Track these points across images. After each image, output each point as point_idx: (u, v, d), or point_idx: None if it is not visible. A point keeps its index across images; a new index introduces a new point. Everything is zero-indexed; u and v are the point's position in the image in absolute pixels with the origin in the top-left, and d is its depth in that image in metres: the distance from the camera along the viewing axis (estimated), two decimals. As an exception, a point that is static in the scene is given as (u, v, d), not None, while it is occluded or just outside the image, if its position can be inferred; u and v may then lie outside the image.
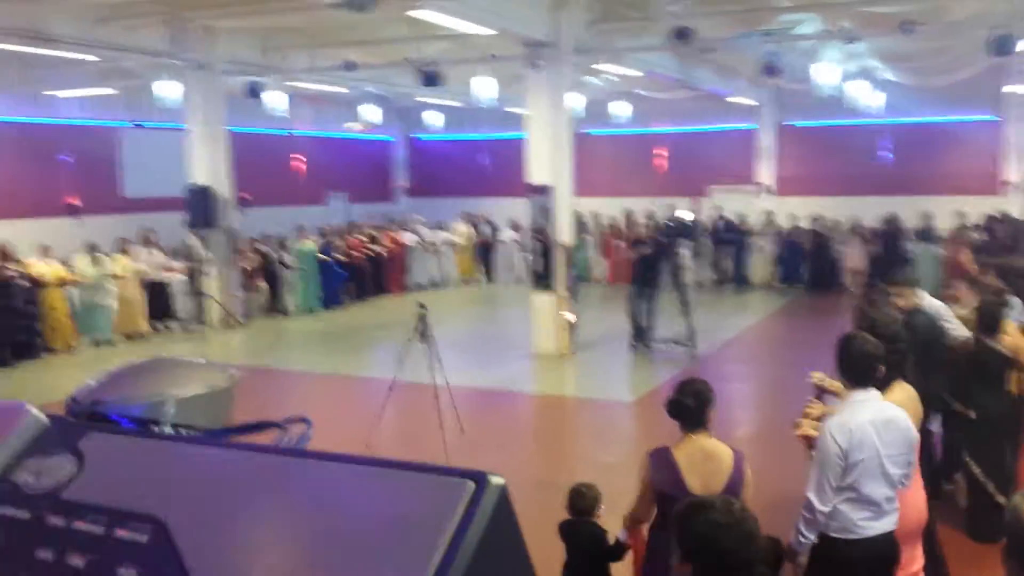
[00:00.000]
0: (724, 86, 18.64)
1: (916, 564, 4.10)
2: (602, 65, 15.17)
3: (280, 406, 10.13)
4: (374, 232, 19.33)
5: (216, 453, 1.75)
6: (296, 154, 22.68)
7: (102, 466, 1.75)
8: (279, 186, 21.44)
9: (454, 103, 20.64)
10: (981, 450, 5.88)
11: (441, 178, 25.23)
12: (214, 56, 14.39)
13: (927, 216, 18.14)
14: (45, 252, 13.49)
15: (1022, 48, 11.69)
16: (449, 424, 8.12)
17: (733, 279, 19.78)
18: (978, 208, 18.06)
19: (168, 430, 2.37)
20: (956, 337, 6.25)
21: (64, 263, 13.69)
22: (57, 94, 16.47)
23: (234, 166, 15.25)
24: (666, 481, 3.76)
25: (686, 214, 18.82)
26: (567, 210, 12.81)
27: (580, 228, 18.48)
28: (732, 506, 2.45)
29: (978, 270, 8.81)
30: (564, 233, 12.70)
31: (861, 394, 3.84)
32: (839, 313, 11.73)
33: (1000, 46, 11.34)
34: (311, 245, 17.10)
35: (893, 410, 3.89)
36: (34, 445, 1.77)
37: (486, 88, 14.10)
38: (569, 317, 12.56)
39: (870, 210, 19.24)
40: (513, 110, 18.44)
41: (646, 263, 12.56)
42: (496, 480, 1.49)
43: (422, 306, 8.33)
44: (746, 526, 2.41)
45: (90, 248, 13.91)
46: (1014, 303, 7.09)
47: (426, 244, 20.14)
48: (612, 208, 21.06)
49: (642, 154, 22.74)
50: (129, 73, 15.10)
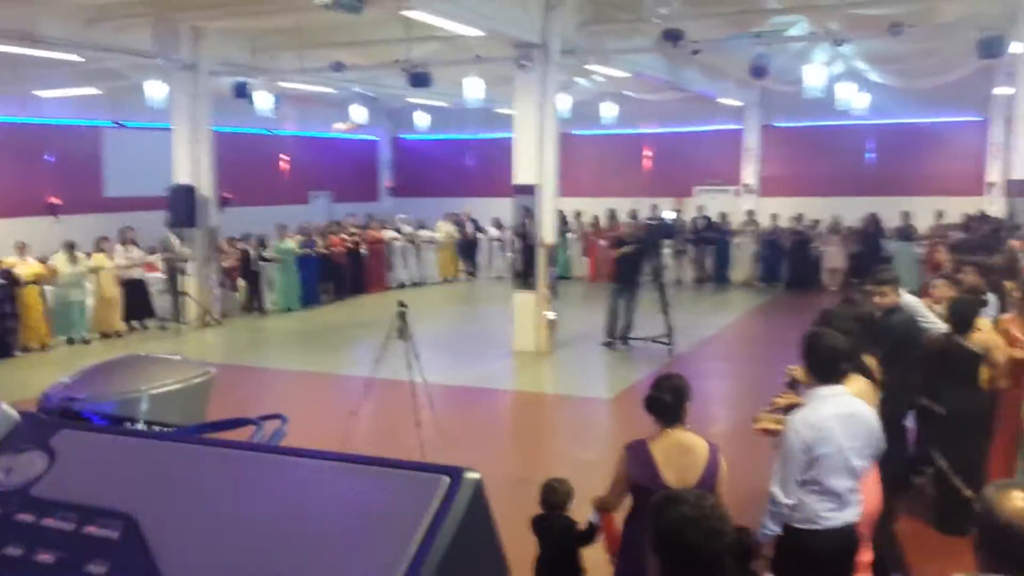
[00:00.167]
0: (712, 87, 18.72)
1: (868, 555, 4.14)
2: (591, 66, 15.19)
3: (257, 404, 10.14)
4: (356, 229, 19.27)
5: (188, 449, 1.73)
6: (281, 154, 22.65)
7: (73, 463, 1.73)
8: (263, 185, 21.41)
9: (441, 103, 20.62)
10: (950, 445, 5.93)
11: (426, 178, 25.24)
12: (201, 57, 14.36)
13: (906, 215, 18.30)
14: (22, 250, 13.35)
15: (1013, 50, 11.75)
16: (426, 421, 8.10)
17: (714, 278, 19.88)
18: (961, 208, 18.22)
19: (141, 427, 2.34)
20: (933, 334, 6.29)
21: (42, 261, 13.56)
22: (42, 94, 16.35)
23: (218, 166, 15.19)
24: (642, 474, 3.80)
25: (668, 213, 18.94)
26: (551, 209, 12.84)
27: (562, 227, 18.52)
28: (704, 500, 2.46)
29: (955, 267, 8.88)
30: (547, 232, 12.72)
31: (826, 389, 3.91)
32: (817, 311, 11.76)
33: (990, 48, 11.41)
34: (292, 243, 17.02)
35: (856, 403, 3.96)
36: (4, 442, 1.75)
37: (474, 89, 14.11)
38: (549, 315, 12.58)
39: (853, 210, 19.39)
40: (500, 111, 18.46)
41: (627, 261, 12.60)
42: (471, 475, 1.48)
43: (401, 304, 8.30)
44: (716, 521, 2.42)
45: (68, 246, 13.78)
46: (990, 300, 7.17)
47: (407, 241, 20.09)
48: (596, 208, 21.10)
49: (628, 154, 22.83)
50: (115, 73, 15.04)
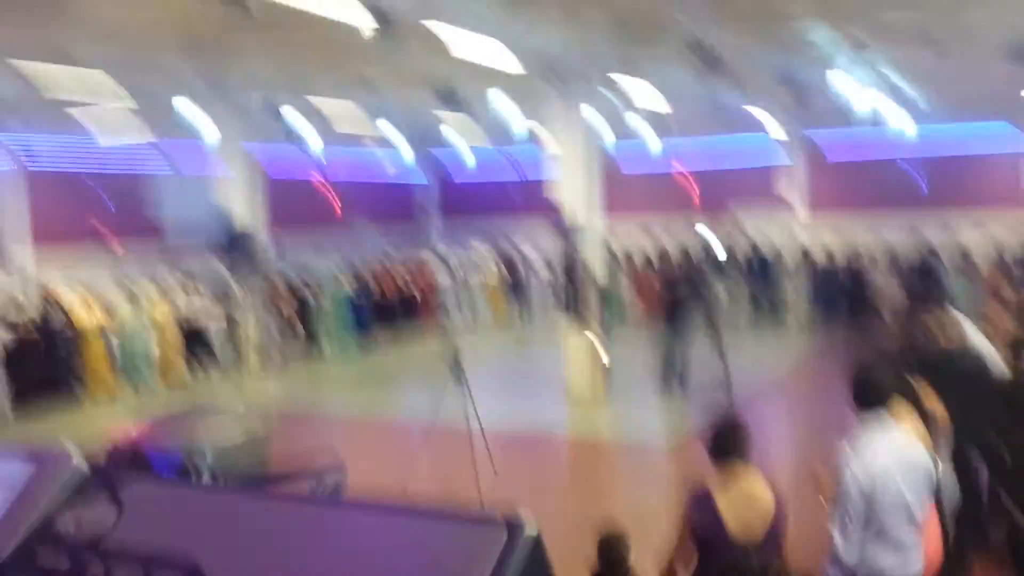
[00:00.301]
0: (746, 102, 18.42)
1: None
2: (622, 83, 15.08)
3: (317, 451, 10.21)
4: (407, 273, 19.49)
5: (252, 502, 1.78)
6: (330, 194, 22.77)
7: (141, 514, 1.78)
8: (307, 215, 21.45)
9: (486, 144, 20.75)
10: (1019, 490, 5.69)
11: (474, 221, 25.34)
12: (236, 80, 14.44)
13: (964, 250, 17.86)
14: (83, 293, 13.66)
15: None
16: (484, 467, 8.08)
17: (769, 316, 19.56)
18: (1002, 222, 17.78)
19: (207, 478, 2.40)
20: (1002, 377, 6.09)
21: (105, 308, 13.89)
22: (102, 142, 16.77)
23: (270, 208, 15.43)
24: (706, 525, 3.68)
25: (715, 242, 18.56)
26: (599, 250, 12.80)
27: (613, 267, 18.44)
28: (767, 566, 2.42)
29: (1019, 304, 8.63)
30: (597, 274, 12.69)
31: (876, 423, 3.81)
32: (871, 349, 11.52)
33: (1022, 54, 11.18)
34: (346, 289, 17.31)
35: (912, 448, 3.86)
36: (75, 494, 1.81)
37: (503, 107, 14.17)
38: (604, 359, 12.48)
39: (897, 227, 19.01)
40: (531, 128, 18.36)
41: (677, 303, 12.43)
42: (530, 530, 1.48)
43: (455, 347, 8.35)
44: None
45: (130, 295, 14.14)
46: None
47: (458, 284, 20.22)
48: (639, 232, 20.78)
49: (669, 184, 22.61)
50: (169, 118, 15.37)
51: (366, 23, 8.36)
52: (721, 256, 18.95)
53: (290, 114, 15.50)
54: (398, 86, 14.49)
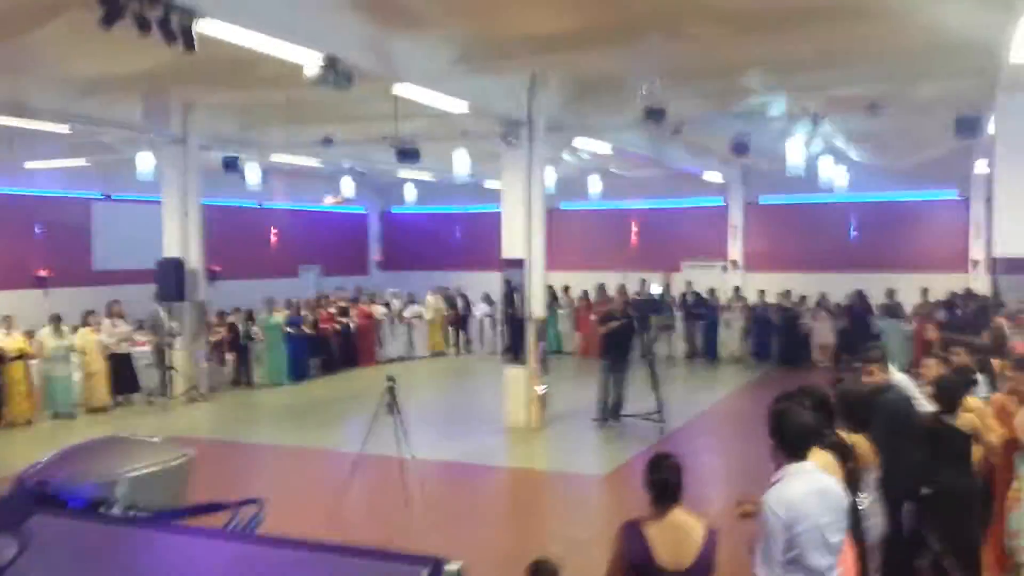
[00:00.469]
0: (695, 164, 19.05)
1: None
2: (576, 142, 15.48)
3: (243, 480, 9.98)
4: (344, 304, 19.26)
5: (162, 537, 1.70)
6: (271, 227, 22.79)
7: (45, 549, 1.69)
8: (251, 258, 21.48)
9: (429, 178, 20.88)
10: (944, 527, 5.83)
11: (415, 251, 25.40)
12: (191, 130, 14.56)
13: (891, 292, 18.44)
14: (8, 324, 13.27)
15: (990, 130, 11.98)
16: (415, 498, 7.97)
17: (703, 353, 19.87)
18: (945, 285, 18.36)
19: (119, 510, 2.28)
20: (925, 414, 6.25)
21: (28, 335, 13.48)
22: (32, 165, 16.47)
23: (207, 239, 15.24)
24: (637, 554, 3.79)
25: (656, 288, 19.08)
26: (540, 284, 12.88)
27: (551, 301, 18.58)
28: None
29: (944, 346, 8.90)
30: (536, 306, 12.73)
31: (796, 466, 3.94)
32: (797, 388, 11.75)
33: (967, 127, 11.63)
34: (279, 318, 17.00)
35: (826, 479, 4.02)
36: (-26, 528, 1.71)
37: (462, 163, 14.30)
38: (539, 390, 12.51)
39: (838, 286, 19.52)
40: (489, 186, 18.69)
41: (615, 337, 12.59)
42: (451, 567, 1.44)
43: (390, 379, 8.26)
44: None
45: (54, 320, 13.72)
46: (982, 380, 7.17)
47: (396, 316, 20.08)
48: (586, 282, 21.22)
49: (615, 229, 23.08)
50: (105, 146, 15.18)
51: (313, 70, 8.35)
52: (658, 292, 19.26)
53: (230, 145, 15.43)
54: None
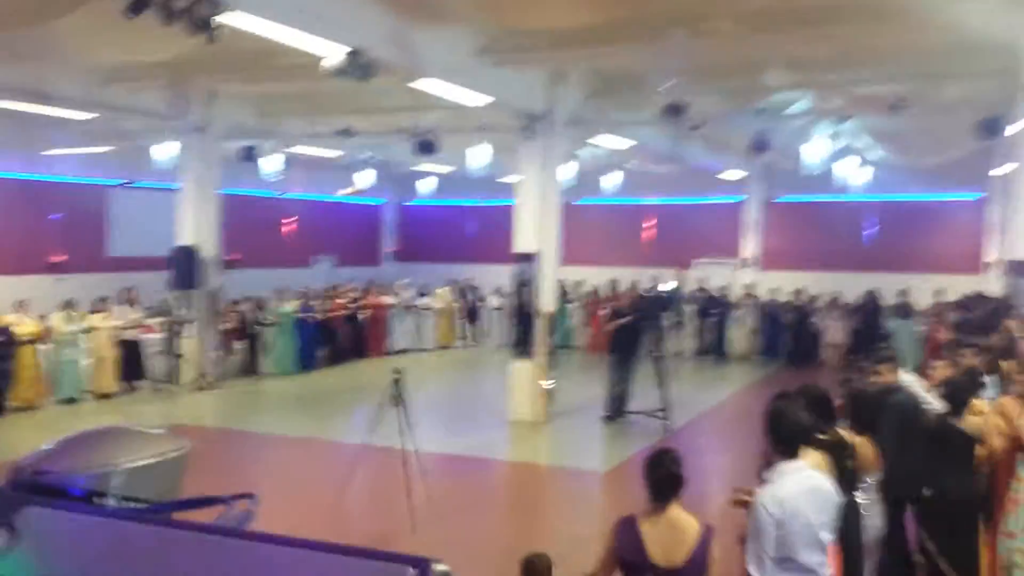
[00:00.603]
0: (714, 161, 18.95)
1: None
2: (595, 138, 15.44)
3: (247, 469, 10.05)
4: (356, 295, 19.30)
5: (154, 530, 1.71)
6: (286, 217, 22.86)
7: (36, 540, 1.70)
8: (267, 248, 21.55)
9: (448, 168, 20.85)
10: (942, 529, 5.79)
11: (430, 243, 25.42)
12: (212, 119, 14.56)
13: (904, 292, 18.31)
14: (21, 308, 13.37)
15: (1010, 131, 11.89)
16: (418, 491, 8.00)
17: (713, 351, 19.80)
18: (959, 287, 18.20)
19: (114, 501, 2.31)
20: (930, 415, 6.22)
21: (41, 319, 13.57)
22: (52, 152, 16.58)
23: (223, 227, 15.30)
24: (629, 550, 3.80)
25: (667, 285, 18.99)
26: (551, 278, 12.87)
27: (562, 296, 18.56)
28: None
29: (954, 348, 8.82)
30: (546, 301, 12.73)
31: (789, 464, 3.98)
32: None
33: (989, 128, 11.55)
34: (290, 307, 17.06)
35: (817, 477, 4.06)
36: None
37: (480, 157, 14.27)
38: (546, 384, 12.51)
39: (852, 286, 19.40)
40: (504, 180, 18.65)
41: (624, 333, 12.56)
42: (438, 568, 1.45)
43: (396, 371, 8.28)
44: None
45: (66, 305, 13.81)
46: (990, 382, 7.11)
47: (407, 307, 20.10)
48: (598, 277, 21.18)
49: (630, 225, 23.00)
50: (124, 133, 15.26)
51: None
52: (670, 288, 19.20)
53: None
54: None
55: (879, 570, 5.35)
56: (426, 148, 13.71)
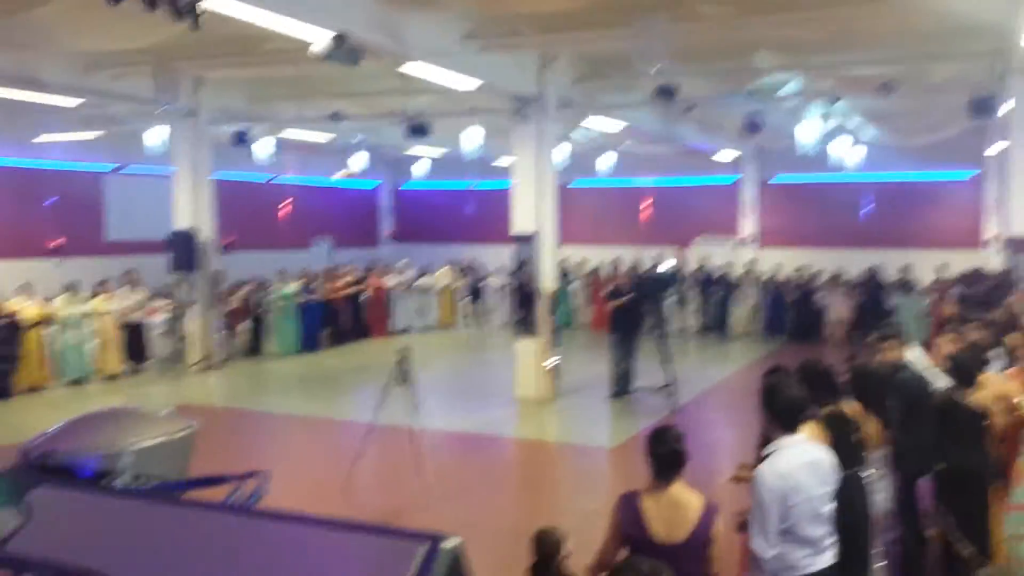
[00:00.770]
0: (707, 142, 18.90)
1: None
2: (588, 121, 15.39)
3: (256, 449, 10.08)
4: (357, 276, 19.29)
5: (165, 509, 1.71)
6: (282, 200, 22.81)
7: (49, 520, 1.70)
8: (265, 231, 21.52)
9: (442, 150, 20.79)
10: (953, 503, 5.81)
11: (426, 224, 25.39)
12: (202, 104, 14.51)
13: (906, 268, 18.32)
14: (26, 292, 13.38)
15: (1003, 110, 11.86)
16: (426, 469, 8.03)
17: (716, 328, 19.82)
18: (960, 263, 18.19)
19: (123, 481, 2.31)
20: (939, 391, 6.20)
21: (45, 302, 13.58)
22: (43, 139, 16.52)
23: (219, 211, 15.27)
24: (632, 526, 3.81)
25: (668, 264, 18.98)
26: (551, 257, 12.87)
27: (564, 275, 18.55)
28: (655, 572, 2.48)
29: (959, 323, 8.80)
30: (547, 280, 12.74)
31: (789, 439, 3.99)
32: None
33: (981, 108, 11.52)
34: (293, 288, 17.06)
35: (816, 450, 4.08)
36: (-20, 497, 1.72)
37: (472, 140, 14.22)
38: (550, 362, 12.54)
39: (853, 263, 19.40)
40: (498, 164, 18.63)
41: (625, 312, 12.57)
42: (450, 543, 1.45)
43: (402, 350, 8.28)
44: None
45: (69, 288, 13.82)
46: (994, 356, 7.10)
47: (409, 288, 20.10)
48: (599, 257, 21.20)
49: (627, 205, 22.96)
50: (114, 119, 15.18)
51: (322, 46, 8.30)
52: (672, 267, 19.20)
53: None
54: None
55: (893, 545, 5.37)
56: (418, 131, 13.66)
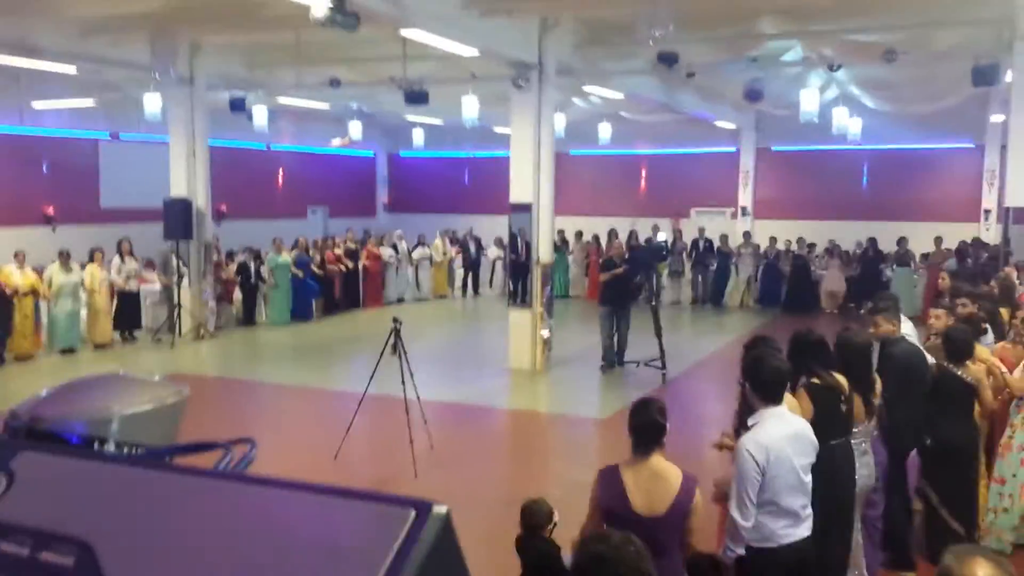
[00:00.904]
0: (707, 110, 18.79)
1: None
2: (587, 87, 15.26)
3: (248, 418, 10.10)
4: (352, 245, 19.23)
5: (152, 475, 1.68)
6: (278, 168, 22.72)
7: (32, 485, 1.68)
8: (260, 199, 21.44)
9: (438, 121, 20.66)
10: (941, 478, 5.83)
11: (423, 194, 25.30)
12: (198, 71, 14.38)
13: (903, 240, 18.30)
14: (20, 260, 13.31)
15: (1007, 78, 11.76)
16: (419, 438, 8.05)
17: (711, 300, 19.82)
18: (958, 234, 18.20)
19: (110, 447, 2.29)
20: (932, 365, 6.19)
21: (37, 271, 13.51)
22: (39, 105, 16.38)
23: (215, 179, 15.18)
24: (612, 499, 3.80)
25: (663, 235, 18.92)
26: (547, 228, 12.80)
27: (560, 245, 18.50)
28: (627, 545, 2.47)
29: (952, 296, 8.79)
30: (543, 251, 12.69)
31: (771, 410, 4.01)
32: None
33: (984, 76, 11.43)
34: (286, 258, 17.01)
35: (797, 421, 4.11)
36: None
37: (470, 107, 14.12)
38: (544, 333, 12.54)
39: (849, 234, 19.38)
40: (498, 130, 18.49)
41: (617, 283, 12.54)
42: (438, 509, 1.43)
43: (396, 320, 8.26)
44: (627, 566, 2.44)
45: (62, 255, 13.76)
46: (988, 329, 7.11)
47: (403, 258, 20.05)
48: (596, 227, 21.13)
49: (625, 174, 22.89)
50: (111, 86, 15.05)
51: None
52: (663, 238, 19.16)
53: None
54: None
55: (879, 519, 5.39)
56: (417, 99, 13.55)
